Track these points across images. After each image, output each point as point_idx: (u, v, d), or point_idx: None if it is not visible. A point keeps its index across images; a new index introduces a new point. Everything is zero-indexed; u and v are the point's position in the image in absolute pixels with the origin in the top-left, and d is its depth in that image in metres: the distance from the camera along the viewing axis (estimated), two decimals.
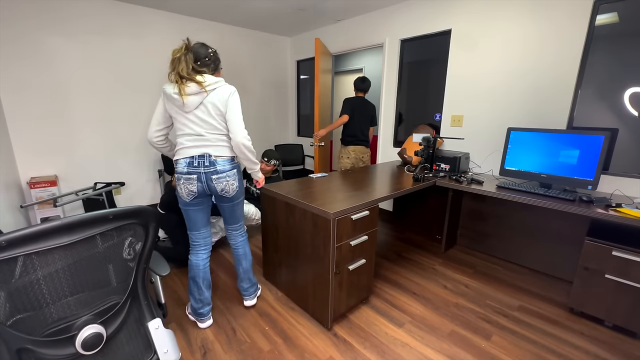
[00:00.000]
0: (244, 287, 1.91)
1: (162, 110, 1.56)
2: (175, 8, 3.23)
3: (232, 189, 1.63)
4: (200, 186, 1.56)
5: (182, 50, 1.48)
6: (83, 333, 0.83)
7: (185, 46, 1.50)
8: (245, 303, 1.94)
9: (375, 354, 1.58)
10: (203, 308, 1.74)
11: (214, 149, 1.55)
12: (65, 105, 2.90)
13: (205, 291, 1.73)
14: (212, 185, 1.57)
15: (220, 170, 1.57)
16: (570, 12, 2.07)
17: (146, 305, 1.03)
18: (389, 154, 3.43)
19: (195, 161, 1.54)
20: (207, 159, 1.54)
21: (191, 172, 1.54)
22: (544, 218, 2.32)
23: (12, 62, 2.60)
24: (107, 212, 0.81)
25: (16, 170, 2.73)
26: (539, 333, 1.74)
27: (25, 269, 0.73)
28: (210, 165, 1.55)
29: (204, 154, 1.54)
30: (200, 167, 1.54)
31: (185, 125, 1.53)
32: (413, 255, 2.66)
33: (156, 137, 1.60)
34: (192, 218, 1.66)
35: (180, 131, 1.56)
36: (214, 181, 1.56)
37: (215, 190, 1.59)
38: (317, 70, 3.23)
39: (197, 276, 1.70)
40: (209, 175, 1.55)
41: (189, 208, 1.64)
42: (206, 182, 1.56)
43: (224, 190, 1.60)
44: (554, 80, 2.20)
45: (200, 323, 1.76)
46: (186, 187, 1.56)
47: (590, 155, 1.89)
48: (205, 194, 1.61)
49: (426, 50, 3.00)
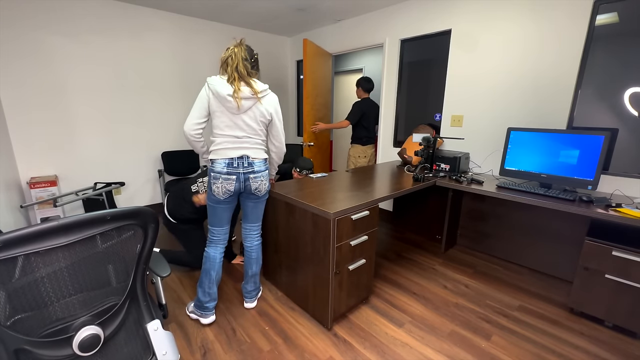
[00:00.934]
0: (248, 289, 1.92)
1: (206, 105, 1.58)
2: (175, 8, 3.23)
3: (265, 187, 1.74)
4: (238, 185, 1.65)
5: (241, 46, 1.56)
6: (80, 334, 0.83)
7: (240, 44, 1.57)
8: (245, 305, 1.95)
9: (375, 354, 1.58)
10: (209, 302, 1.77)
11: (252, 151, 1.65)
12: (66, 105, 2.90)
13: (215, 285, 1.78)
14: (249, 184, 1.67)
15: (257, 171, 1.67)
16: (570, 12, 2.07)
17: (145, 306, 1.02)
18: (389, 154, 3.43)
19: (235, 162, 1.62)
20: (246, 160, 1.64)
21: (231, 172, 1.61)
22: (544, 218, 2.32)
23: (12, 61, 2.60)
24: (104, 213, 0.81)
25: (16, 170, 2.73)
26: (539, 333, 1.74)
27: (24, 270, 0.73)
28: (248, 166, 1.64)
29: (243, 155, 1.63)
30: (240, 168, 1.63)
31: (229, 126, 1.59)
32: (413, 255, 2.66)
33: (195, 130, 1.61)
34: (219, 214, 1.73)
35: (221, 131, 1.60)
36: (250, 180, 1.66)
37: (250, 189, 1.68)
38: (306, 71, 3.27)
39: (212, 269, 1.75)
40: (247, 175, 1.65)
41: (219, 206, 1.70)
42: (244, 181, 1.65)
43: (258, 189, 1.70)
44: (554, 80, 2.20)
45: (204, 319, 1.77)
46: (224, 187, 1.62)
47: (590, 155, 1.89)
48: (238, 192, 1.69)
49: (426, 50, 3.00)
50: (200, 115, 1.59)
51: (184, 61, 3.53)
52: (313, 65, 3.38)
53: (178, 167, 3.62)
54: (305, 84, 3.27)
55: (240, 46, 1.58)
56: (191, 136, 1.63)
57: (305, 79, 3.26)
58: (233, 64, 1.54)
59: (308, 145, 3.44)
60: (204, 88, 1.57)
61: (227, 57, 1.56)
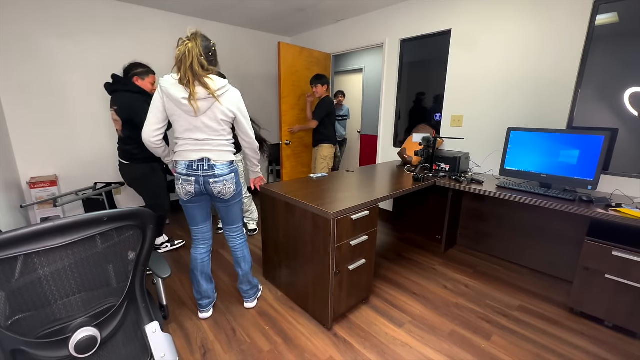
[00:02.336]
0: (244, 289, 1.92)
1: (162, 109, 1.49)
2: (175, 8, 3.23)
3: (229, 192, 1.65)
4: (198, 188, 1.59)
5: (195, 41, 1.39)
6: (77, 336, 0.82)
7: (194, 37, 1.40)
8: (245, 305, 1.95)
9: (375, 354, 1.58)
10: (202, 300, 1.82)
11: (213, 154, 1.56)
12: (65, 105, 2.90)
13: (204, 284, 1.80)
14: (210, 188, 1.60)
15: (219, 175, 1.58)
16: (570, 12, 2.07)
17: (144, 308, 1.02)
18: (389, 154, 3.43)
19: (195, 164, 1.55)
20: (207, 162, 1.56)
21: (190, 174, 1.56)
22: (544, 218, 2.32)
23: (12, 62, 2.60)
24: (101, 214, 0.80)
25: (16, 170, 2.73)
26: (539, 333, 1.74)
27: (22, 270, 0.73)
28: (209, 169, 1.56)
29: (204, 158, 1.55)
30: (199, 171, 1.56)
31: (189, 130, 1.51)
32: (413, 255, 2.66)
33: (155, 137, 1.54)
34: (191, 214, 1.72)
35: (181, 134, 1.53)
36: (211, 184, 1.58)
37: (212, 192, 1.62)
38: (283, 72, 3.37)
39: (195, 269, 1.78)
40: (207, 179, 1.57)
41: (187, 205, 1.69)
42: (204, 184, 1.59)
43: (221, 192, 1.62)
44: (554, 80, 2.20)
45: (199, 313, 1.84)
46: (184, 188, 1.59)
47: (590, 155, 1.89)
48: (202, 194, 1.64)
49: (426, 50, 3.00)
50: (157, 121, 1.51)
51: None
52: (295, 66, 3.47)
53: None
54: (282, 85, 3.38)
55: (194, 40, 1.39)
56: (152, 143, 1.55)
57: (282, 80, 3.38)
58: (187, 62, 1.37)
59: (285, 144, 3.54)
60: (157, 91, 1.46)
61: (180, 54, 1.38)
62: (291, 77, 3.46)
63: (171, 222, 3.40)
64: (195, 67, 1.39)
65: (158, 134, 1.54)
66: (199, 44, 1.41)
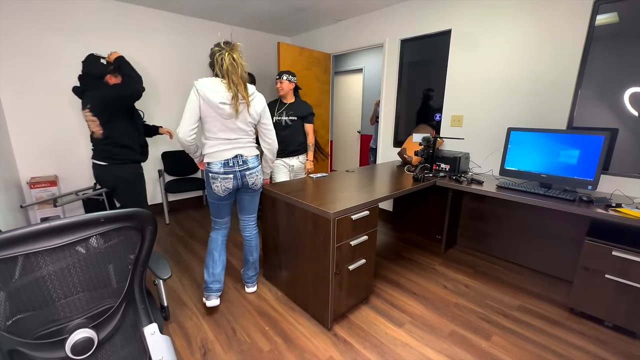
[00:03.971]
0: (249, 274, 2.07)
1: (197, 110, 1.60)
2: (175, 8, 3.23)
3: (260, 181, 1.86)
4: (236, 183, 1.75)
5: (237, 52, 1.58)
6: (73, 337, 0.81)
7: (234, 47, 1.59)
8: (247, 290, 2.09)
9: (375, 354, 1.58)
10: (214, 283, 1.86)
11: (245, 150, 1.75)
12: (65, 105, 2.90)
13: (219, 266, 1.88)
14: (246, 181, 1.78)
15: (252, 167, 1.78)
16: (570, 11, 2.07)
17: (143, 309, 1.01)
18: (389, 154, 3.43)
19: (230, 162, 1.71)
20: (240, 158, 1.74)
21: (228, 171, 1.71)
22: (544, 218, 2.32)
23: (12, 62, 2.60)
24: (98, 215, 0.79)
25: (16, 170, 2.73)
26: (539, 333, 1.74)
27: (20, 270, 0.73)
28: (243, 164, 1.75)
29: (237, 155, 1.73)
30: (236, 167, 1.73)
31: (222, 130, 1.66)
32: (413, 255, 2.66)
33: (190, 136, 1.64)
34: (221, 209, 1.85)
35: (214, 134, 1.67)
36: (247, 177, 1.77)
37: (247, 184, 1.80)
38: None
39: (214, 249, 1.88)
40: (244, 172, 1.76)
41: (221, 202, 1.82)
42: (241, 178, 1.76)
43: (254, 183, 1.82)
44: (554, 80, 2.20)
45: (207, 300, 1.85)
46: (223, 185, 1.72)
47: (590, 155, 1.89)
48: (238, 188, 1.80)
49: (426, 51, 3.00)
50: (193, 121, 1.62)
51: (184, 61, 3.53)
52: (295, 66, 3.46)
53: (178, 167, 3.62)
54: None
55: (237, 52, 1.59)
56: (187, 141, 1.66)
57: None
58: (237, 73, 1.58)
59: None
60: (193, 92, 1.58)
61: (227, 64, 1.56)
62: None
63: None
64: (245, 76, 1.62)
65: (193, 133, 1.65)
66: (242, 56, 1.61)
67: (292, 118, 2.53)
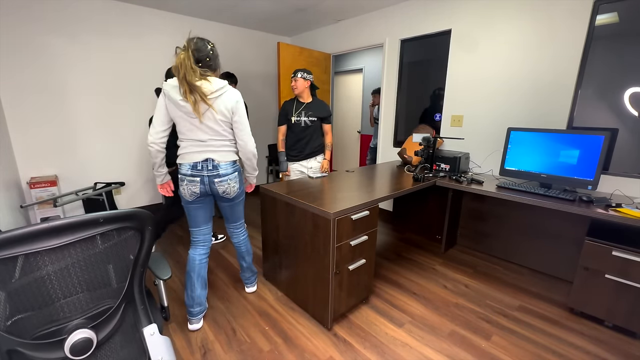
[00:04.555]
0: (247, 276, 2.05)
1: (164, 110, 1.53)
2: (175, 8, 3.23)
3: (233, 190, 1.69)
4: (203, 188, 1.62)
5: (187, 51, 1.44)
6: (72, 337, 0.81)
7: (186, 47, 1.45)
8: (247, 290, 2.09)
9: (375, 354, 1.58)
10: (193, 307, 1.72)
11: (217, 154, 1.60)
12: (65, 105, 2.90)
13: (198, 288, 1.73)
14: (214, 188, 1.64)
15: (223, 174, 1.62)
16: (570, 11, 2.07)
17: (143, 310, 1.00)
18: (389, 154, 3.43)
19: (199, 165, 1.59)
20: (210, 163, 1.60)
21: (195, 174, 1.59)
22: (544, 218, 2.32)
23: (13, 62, 2.60)
24: (97, 215, 0.79)
25: (16, 170, 2.73)
26: (539, 333, 1.74)
27: (20, 270, 0.73)
28: (213, 169, 1.60)
29: (208, 159, 1.59)
30: (204, 171, 1.60)
31: (191, 130, 1.55)
32: (413, 255, 2.66)
33: (161, 140, 1.56)
34: (193, 215, 1.72)
35: (184, 135, 1.58)
36: (216, 184, 1.62)
37: (216, 192, 1.66)
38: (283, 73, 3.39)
39: (192, 270, 1.73)
40: (212, 179, 1.61)
41: (190, 206, 1.69)
42: (209, 184, 1.62)
43: (225, 192, 1.67)
44: (554, 80, 2.20)
45: (189, 324, 1.74)
46: (189, 188, 1.61)
47: (590, 155, 1.89)
48: (207, 194, 1.67)
49: (426, 51, 3.00)
50: (162, 122, 1.54)
51: None
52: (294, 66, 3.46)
53: None
54: (281, 85, 3.43)
55: (187, 50, 1.44)
56: (158, 145, 1.55)
57: (282, 80, 3.41)
58: (181, 74, 1.42)
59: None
60: (161, 94, 1.52)
61: (176, 66, 1.43)
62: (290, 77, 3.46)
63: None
64: (189, 78, 1.42)
65: (163, 136, 1.57)
66: (191, 55, 1.44)
67: (312, 119, 2.45)
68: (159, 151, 1.59)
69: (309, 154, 2.53)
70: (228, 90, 1.55)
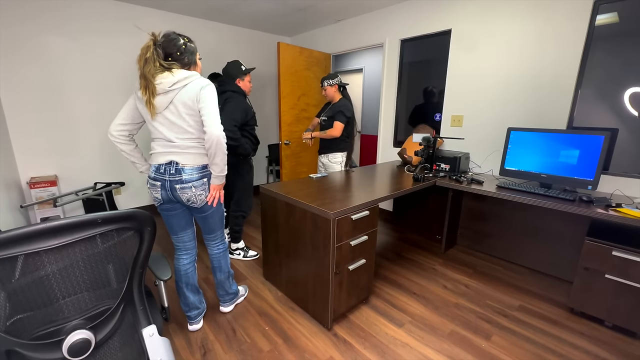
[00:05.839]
0: (220, 293, 1.86)
1: (132, 107, 1.46)
2: (175, 8, 3.23)
3: (200, 199, 1.51)
4: (165, 194, 1.48)
5: (149, 48, 1.36)
6: (70, 338, 0.81)
7: (153, 42, 1.38)
8: (220, 308, 1.89)
9: (375, 354, 1.58)
10: (190, 312, 1.72)
11: (182, 157, 1.45)
12: (66, 105, 2.90)
13: (190, 296, 1.70)
14: (177, 195, 1.48)
15: (186, 180, 1.46)
16: (570, 12, 2.07)
17: (142, 310, 1.00)
18: (389, 154, 3.43)
19: (162, 168, 1.46)
20: (174, 166, 1.45)
21: (157, 178, 1.47)
22: (544, 218, 2.32)
23: (13, 61, 2.60)
24: (95, 216, 0.79)
25: (16, 170, 2.73)
26: (539, 333, 1.74)
27: (21, 270, 0.73)
28: (175, 173, 1.45)
29: (172, 161, 1.45)
30: (166, 174, 1.45)
31: (155, 128, 1.44)
32: (413, 255, 2.66)
33: (117, 131, 1.48)
34: (167, 222, 1.60)
35: (152, 134, 1.48)
36: (178, 190, 1.46)
37: (180, 200, 1.50)
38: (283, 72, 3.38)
39: (179, 280, 1.69)
40: (173, 184, 1.46)
41: (162, 212, 1.57)
42: (170, 190, 1.47)
43: (190, 200, 1.50)
44: (554, 80, 2.20)
45: (189, 325, 1.75)
46: (151, 193, 1.51)
47: (590, 155, 1.89)
48: (172, 201, 1.52)
49: (426, 50, 3.00)
50: (123, 117, 1.47)
51: None
52: (294, 66, 3.49)
53: None
54: (281, 85, 3.41)
55: (148, 48, 1.37)
56: (114, 137, 1.48)
57: (282, 80, 3.40)
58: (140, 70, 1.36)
59: (285, 144, 3.54)
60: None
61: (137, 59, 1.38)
62: (290, 77, 3.47)
63: None
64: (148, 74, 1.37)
65: (121, 129, 1.49)
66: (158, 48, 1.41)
67: (324, 118, 2.74)
68: (116, 143, 1.51)
69: (320, 149, 2.85)
70: (195, 80, 1.40)
